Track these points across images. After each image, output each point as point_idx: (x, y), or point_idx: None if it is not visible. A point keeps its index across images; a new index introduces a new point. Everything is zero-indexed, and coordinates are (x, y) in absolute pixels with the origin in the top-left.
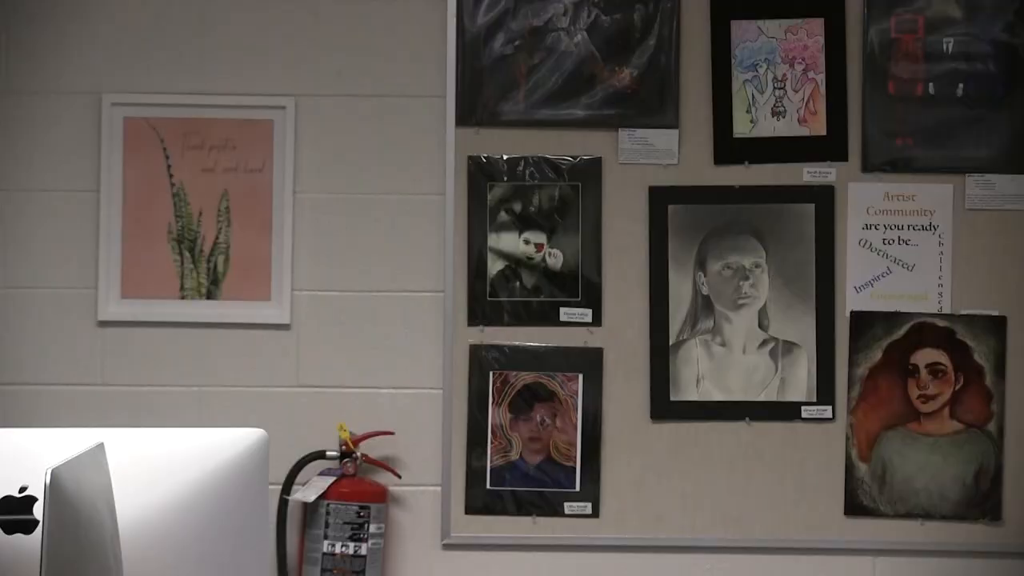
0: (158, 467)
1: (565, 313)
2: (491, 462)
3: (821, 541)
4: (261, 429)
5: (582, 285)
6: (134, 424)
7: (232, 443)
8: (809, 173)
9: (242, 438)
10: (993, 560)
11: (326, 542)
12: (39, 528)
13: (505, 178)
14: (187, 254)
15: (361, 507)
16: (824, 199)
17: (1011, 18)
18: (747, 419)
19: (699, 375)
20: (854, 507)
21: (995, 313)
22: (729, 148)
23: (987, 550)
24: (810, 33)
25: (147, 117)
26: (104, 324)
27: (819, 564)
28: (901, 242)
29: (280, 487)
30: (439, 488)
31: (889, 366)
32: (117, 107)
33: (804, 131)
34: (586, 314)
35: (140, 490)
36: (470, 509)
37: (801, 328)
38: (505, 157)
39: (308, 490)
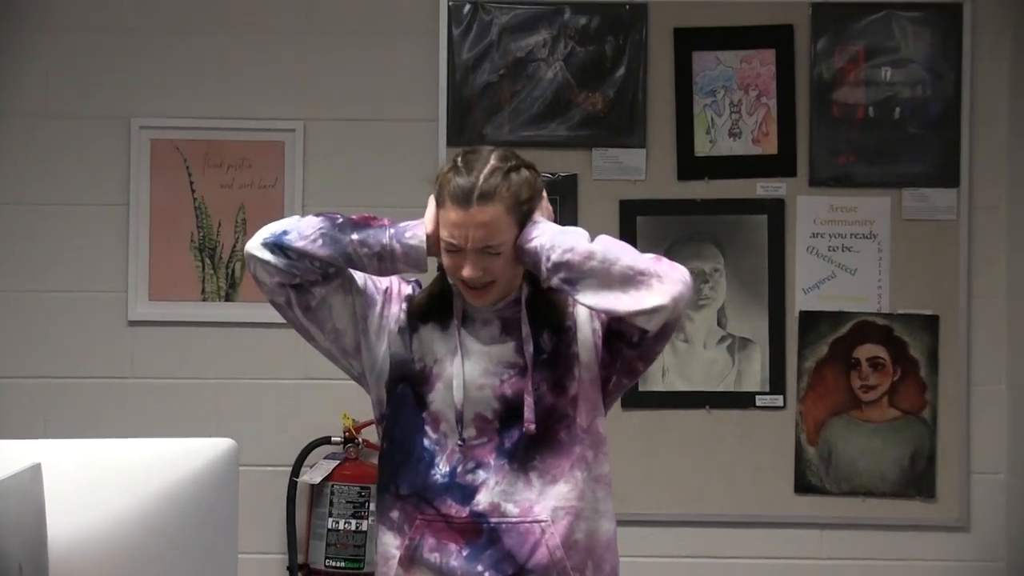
0: (120, 480)
1: None
2: None
3: (773, 516)
4: (230, 439)
5: None
6: (162, 412)
7: (200, 454)
8: (762, 188)
9: (210, 448)
10: (928, 533)
11: (330, 519)
12: None
13: None
14: (208, 261)
15: (362, 488)
16: (775, 211)
17: (943, 49)
18: (707, 407)
19: (664, 368)
20: (803, 486)
21: (929, 312)
22: (691, 165)
23: (923, 524)
24: (763, 63)
25: (172, 139)
26: (134, 324)
27: (771, 537)
28: (844, 249)
29: (290, 470)
30: None
31: (834, 360)
32: (145, 130)
33: (758, 150)
34: None
35: (101, 504)
36: None
37: (755, 326)
38: None
39: (315, 472)
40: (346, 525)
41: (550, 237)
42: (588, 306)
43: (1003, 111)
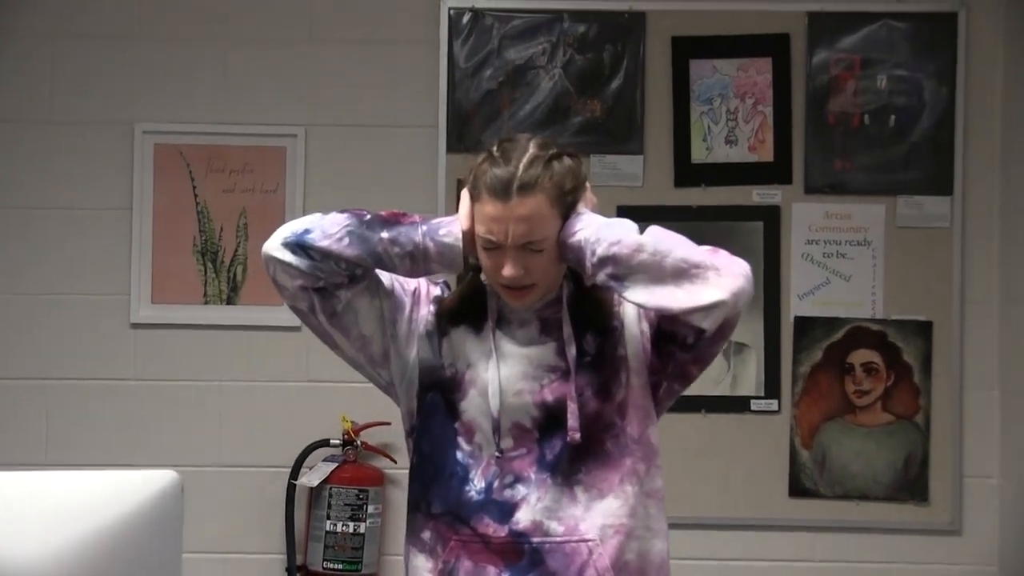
0: (52, 516)
1: None
2: None
3: (768, 519)
4: (173, 472)
5: None
6: (163, 413)
7: (141, 487)
8: (758, 195)
9: (152, 481)
10: (921, 537)
11: (329, 522)
12: None
13: None
14: (210, 264)
15: (360, 490)
16: (771, 217)
17: (937, 58)
18: (703, 411)
19: None
20: (797, 489)
21: (922, 318)
22: (688, 172)
23: (916, 528)
24: (759, 71)
25: (175, 144)
26: (137, 326)
27: (766, 539)
28: (839, 256)
29: (289, 472)
30: None
31: (828, 365)
32: (148, 135)
33: (753, 157)
34: None
35: (27, 543)
36: None
37: (751, 331)
38: None
39: (313, 475)
40: (344, 527)
41: (595, 230)
42: (638, 304)
43: (996, 120)
